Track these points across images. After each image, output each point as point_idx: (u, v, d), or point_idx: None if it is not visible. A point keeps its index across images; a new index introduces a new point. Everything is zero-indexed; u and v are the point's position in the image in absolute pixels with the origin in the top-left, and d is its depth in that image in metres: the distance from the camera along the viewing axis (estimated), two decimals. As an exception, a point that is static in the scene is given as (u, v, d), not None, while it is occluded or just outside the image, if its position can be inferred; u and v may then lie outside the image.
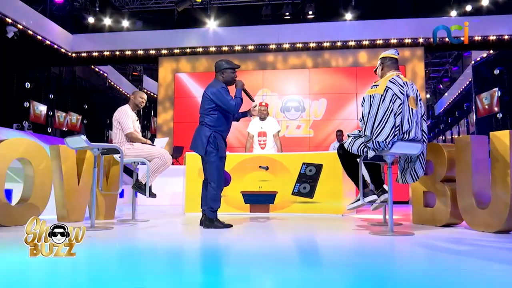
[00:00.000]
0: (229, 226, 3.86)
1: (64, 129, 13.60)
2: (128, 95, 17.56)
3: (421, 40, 9.90)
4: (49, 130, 12.92)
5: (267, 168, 5.72)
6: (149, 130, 17.94)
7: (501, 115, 10.96)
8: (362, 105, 3.37)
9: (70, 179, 4.26)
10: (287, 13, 10.46)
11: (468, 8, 10.16)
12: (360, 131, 3.44)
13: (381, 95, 3.23)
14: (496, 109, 11.36)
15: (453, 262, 2.34)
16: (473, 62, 11.82)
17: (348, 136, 3.56)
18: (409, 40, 9.93)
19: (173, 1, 10.24)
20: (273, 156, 5.90)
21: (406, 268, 2.20)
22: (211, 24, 11.04)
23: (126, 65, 16.22)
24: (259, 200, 5.71)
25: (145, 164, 4.44)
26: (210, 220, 3.81)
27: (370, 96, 3.30)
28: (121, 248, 2.95)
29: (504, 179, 3.32)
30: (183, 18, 11.31)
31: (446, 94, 16.19)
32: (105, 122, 15.74)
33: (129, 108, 4.63)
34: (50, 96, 13.12)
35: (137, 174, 4.73)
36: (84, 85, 14.91)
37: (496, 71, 10.93)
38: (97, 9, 11.07)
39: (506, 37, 9.66)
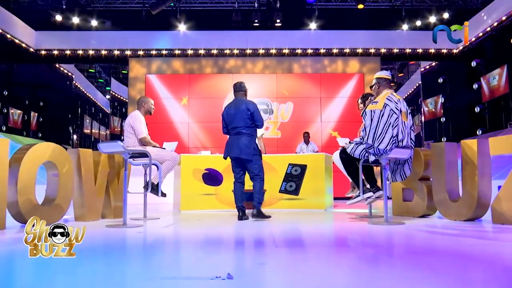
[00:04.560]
0: (269, 217, 4.66)
1: (18, 127, 13.18)
2: (85, 92, 17.25)
3: (380, 50, 10.94)
4: (4, 128, 12.52)
5: (256, 168, 6.26)
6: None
7: (444, 120, 12.33)
8: (364, 118, 4.05)
9: (89, 180, 4.54)
10: (256, 20, 11.03)
11: (418, 23, 11.35)
12: (361, 139, 4.12)
13: (381, 110, 3.92)
14: (439, 113, 12.73)
15: (449, 239, 3.08)
16: (423, 69, 13.14)
17: (350, 143, 4.22)
18: (369, 50, 10.92)
19: (148, 5, 10.40)
20: (261, 157, 6.45)
21: (423, 245, 2.87)
22: (181, 27, 11.33)
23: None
24: (249, 198, 6.23)
25: (156, 165, 4.81)
26: (258, 212, 4.58)
27: (371, 111, 3.98)
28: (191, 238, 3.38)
29: (472, 178, 4.14)
30: (151, 19, 11.43)
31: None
32: (62, 120, 15.38)
33: (141, 113, 4.97)
34: (4, 92, 12.70)
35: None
36: (38, 81, 14.47)
37: (440, 80, 12.28)
38: (64, 6, 10.93)
39: (449, 51, 10.97)
